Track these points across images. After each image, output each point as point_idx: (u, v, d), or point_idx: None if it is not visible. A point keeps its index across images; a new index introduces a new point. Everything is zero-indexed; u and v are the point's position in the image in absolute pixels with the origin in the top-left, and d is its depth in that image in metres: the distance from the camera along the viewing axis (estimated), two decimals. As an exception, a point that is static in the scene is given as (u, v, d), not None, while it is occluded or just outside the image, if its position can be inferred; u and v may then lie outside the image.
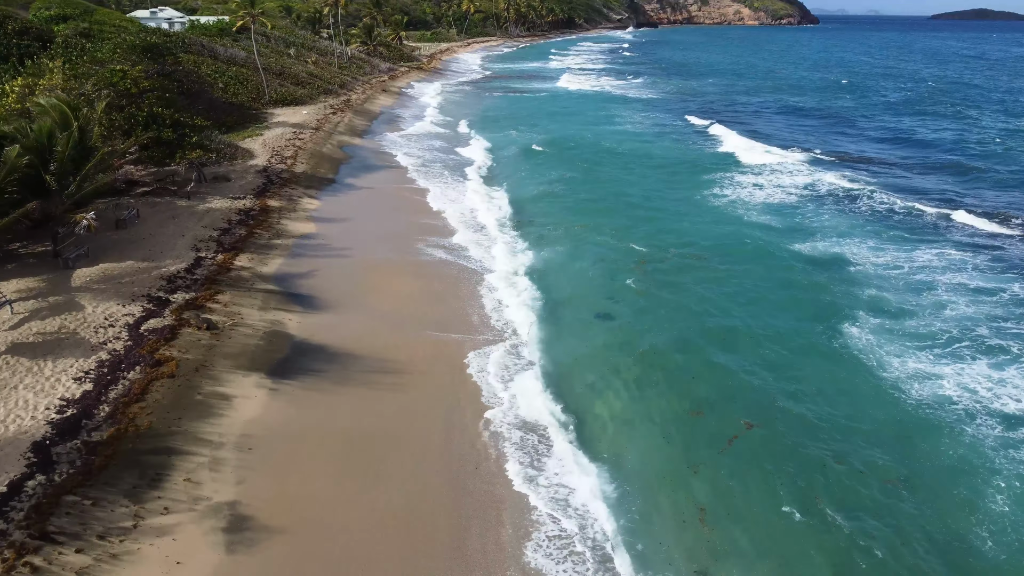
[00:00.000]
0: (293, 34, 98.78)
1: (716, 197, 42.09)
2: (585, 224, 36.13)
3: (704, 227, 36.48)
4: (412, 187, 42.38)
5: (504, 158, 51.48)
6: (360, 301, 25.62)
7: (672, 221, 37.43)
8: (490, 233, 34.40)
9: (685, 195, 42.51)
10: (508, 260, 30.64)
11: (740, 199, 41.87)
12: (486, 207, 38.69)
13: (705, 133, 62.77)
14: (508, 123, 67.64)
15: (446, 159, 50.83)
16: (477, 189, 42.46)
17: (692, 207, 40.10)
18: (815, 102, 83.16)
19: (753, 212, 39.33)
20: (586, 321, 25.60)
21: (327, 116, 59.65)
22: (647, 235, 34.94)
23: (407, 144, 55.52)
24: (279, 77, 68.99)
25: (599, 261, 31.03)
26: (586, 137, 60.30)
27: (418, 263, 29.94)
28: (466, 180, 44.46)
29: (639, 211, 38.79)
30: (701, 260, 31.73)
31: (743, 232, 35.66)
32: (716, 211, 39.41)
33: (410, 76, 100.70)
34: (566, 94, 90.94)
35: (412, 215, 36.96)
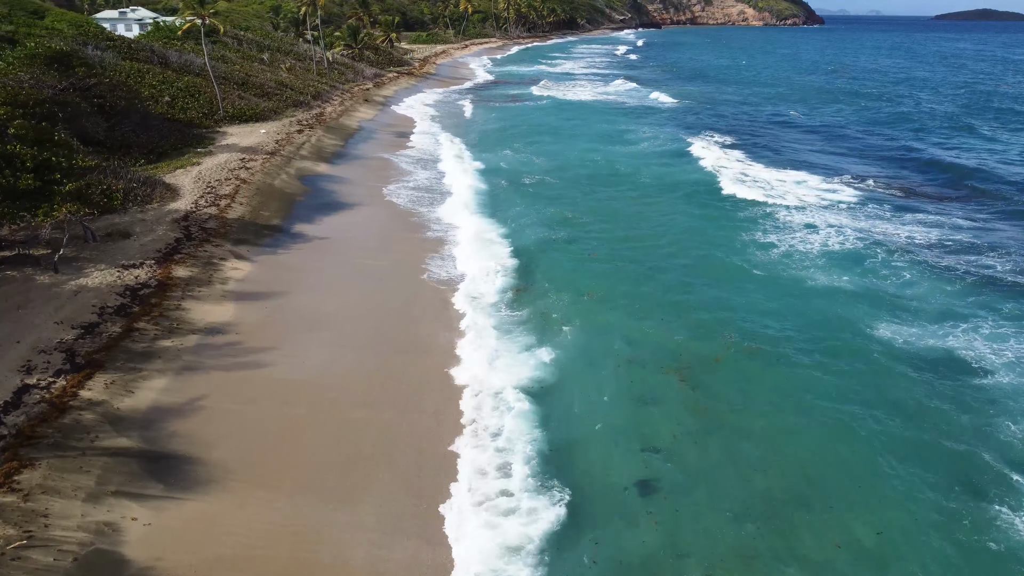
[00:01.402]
0: (269, 36, 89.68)
1: (763, 246, 32.92)
2: (598, 294, 26.97)
3: (758, 297, 27.32)
4: (384, 235, 33.29)
5: (499, 190, 42.30)
6: (272, 469, 16.52)
7: (712, 287, 28.26)
8: (481, 317, 25.19)
9: (722, 243, 33.31)
10: (504, 367, 21.48)
11: (793, 248, 32.69)
12: (477, 268, 29.50)
13: (730, 154, 53.59)
14: (505, 140, 58.51)
15: (431, 190, 41.67)
16: (467, 239, 33.30)
17: (735, 263, 30.88)
18: (848, 116, 73.81)
19: (815, 269, 30.14)
20: (616, 503, 16.45)
21: (290, 135, 50.52)
22: (683, 312, 25.80)
23: (384, 170, 46.43)
24: (241, 87, 59.88)
25: (622, 367, 21.84)
26: (594, 160, 51.19)
27: (375, 375, 20.89)
28: (453, 228, 35.24)
29: (668, 271, 29.58)
30: (764, 362, 22.55)
31: (812, 306, 26.53)
32: (768, 269, 30.24)
33: (399, 83, 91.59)
34: (569, 104, 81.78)
35: (377, 281, 27.86)
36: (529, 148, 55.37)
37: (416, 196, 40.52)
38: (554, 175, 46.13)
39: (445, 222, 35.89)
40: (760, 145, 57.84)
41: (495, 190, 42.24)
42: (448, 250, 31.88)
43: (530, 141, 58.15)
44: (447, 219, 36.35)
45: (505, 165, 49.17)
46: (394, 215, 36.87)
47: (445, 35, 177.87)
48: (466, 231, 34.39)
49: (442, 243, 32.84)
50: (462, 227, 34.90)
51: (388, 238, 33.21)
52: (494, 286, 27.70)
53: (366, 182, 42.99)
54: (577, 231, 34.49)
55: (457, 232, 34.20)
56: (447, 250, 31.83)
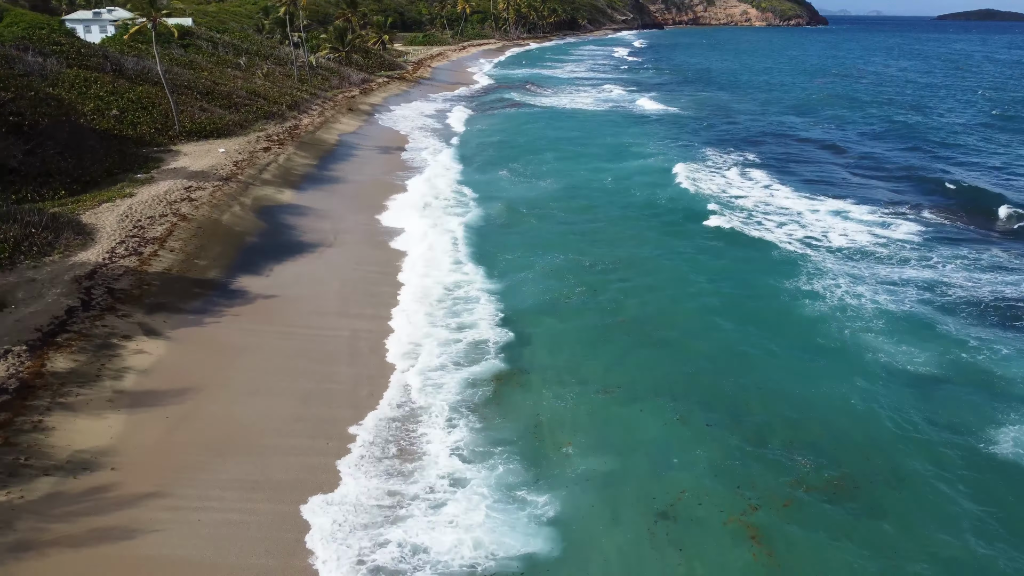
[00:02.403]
0: (248, 39, 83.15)
1: (809, 304, 26.21)
2: (615, 391, 20.35)
3: (824, 386, 20.76)
4: (348, 291, 26.70)
5: (494, 226, 35.67)
6: None
7: (760, 370, 21.70)
8: (448, 434, 18.61)
9: (761, 303, 26.69)
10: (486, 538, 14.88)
11: (847, 307, 25.95)
12: (460, 345, 22.94)
13: (751, 178, 46.90)
14: (502, 158, 51.99)
15: (422, 228, 35.17)
16: (449, 296, 26.73)
17: (781, 333, 24.16)
18: (877, 129, 66.84)
19: (880, 340, 23.33)
20: None
21: (254, 154, 43.94)
22: (733, 413, 19.29)
23: (361, 198, 39.90)
24: (205, 98, 53.34)
25: (659, 524, 15.32)
26: (601, 183, 44.70)
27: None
28: (436, 280, 28.64)
29: (703, 355, 22.76)
30: (851, 506, 15.99)
31: (908, 398, 20.06)
32: (823, 341, 23.52)
33: (388, 89, 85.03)
34: (571, 113, 75.22)
35: (327, 366, 21.31)
36: (529, 168, 48.85)
37: (396, 234, 33.96)
38: (558, 204, 39.58)
39: (426, 270, 29.32)
40: (784, 163, 51.19)
41: (490, 226, 35.64)
42: (424, 310, 25.31)
43: (530, 159, 51.62)
44: (428, 266, 29.77)
45: (502, 191, 42.62)
46: (365, 261, 30.31)
47: (442, 36, 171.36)
48: (450, 283, 27.81)
49: (422, 296, 26.28)
50: (446, 278, 28.32)
51: (352, 295, 26.63)
52: (472, 371, 21.06)
53: (337, 214, 36.44)
54: (583, 286, 27.89)
55: (438, 287, 27.57)
56: (421, 311, 25.25)
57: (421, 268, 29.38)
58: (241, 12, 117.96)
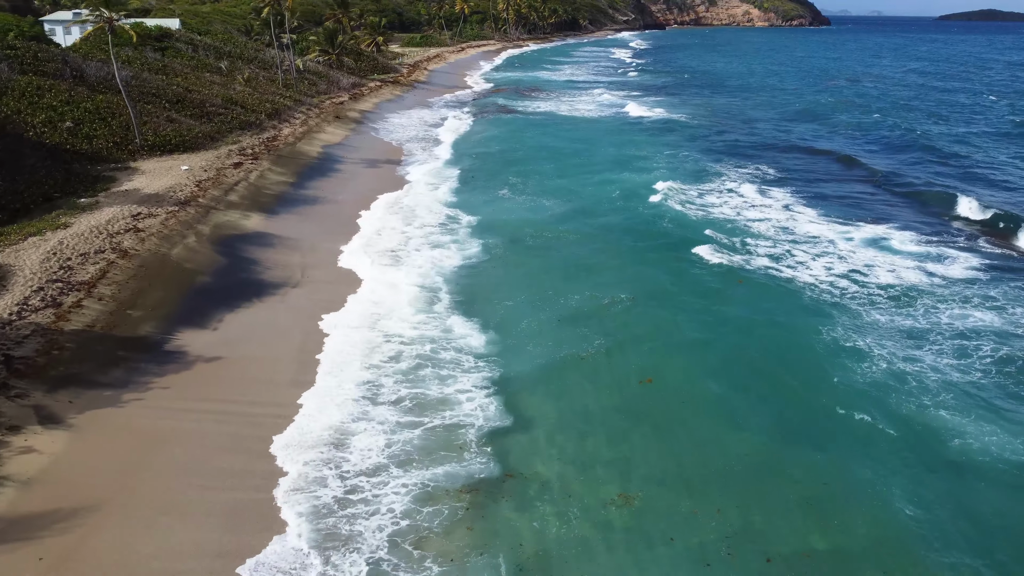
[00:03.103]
0: (232, 41, 78.65)
1: (855, 372, 21.72)
2: (637, 492, 15.98)
3: (880, 513, 16.36)
4: (310, 345, 22.22)
5: (492, 260, 31.17)
6: None
7: (804, 478, 17.30)
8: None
9: (797, 371, 22.15)
10: None
11: (903, 375, 21.53)
12: (429, 446, 18.51)
13: (771, 196, 42.29)
14: (501, 171, 47.55)
15: (398, 258, 30.66)
16: (431, 357, 22.26)
17: (823, 416, 19.68)
18: (899, 140, 62.25)
19: (951, 427, 18.89)
20: None
21: (222, 171, 39.44)
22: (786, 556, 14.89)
23: (340, 222, 35.42)
24: (175, 106, 48.80)
25: None
26: (610, 203, 40.29)
27: None
28: (418, 334, 24.14)
29: (734, 453, 18.48)
30: None
31: (964, 539, 15.65)
32: (877, 428, 19.13)
33: (381, 93, 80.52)
34: (573, 120, 70.74)
35: (265, 462, 16.86)
36: (530, 184, 44.42)
37: (377, 266, 29.44)
38: (562, 228, 35.15)
39: (404, 317, 24.82)
40: (803, 179, 46.62)
41: (487, 259, 31.12)
42: (396, 369, 20.83)
43: (531, 173, 47.20)
44: (409, 312, 25.27)
45: (501, 214, 38.10)
46: (335, 304, 25.76)
47: (440, 37, 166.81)
48: (432, 336, 23.32)
49: (394, 360, 21.79)
50: (429, 332, 23.83)
51: (314, 354, 22.14)
52: (439, 475, 16.58)
53: (309, 243, 31.94)
54: (589, 345, 23.42)
55: (417, 342, 23.07)
56: (393, 373, 20.75)
57: (401, 315, 24.88)
58: (236, 12, 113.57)
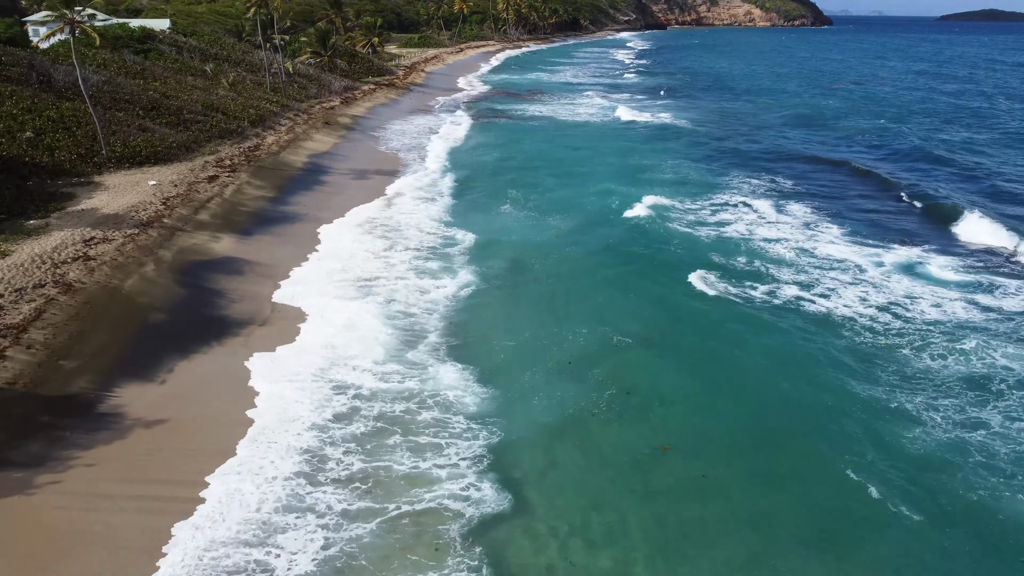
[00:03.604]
0: (219, 43, 75.41)
1: (918, 448, 18.69)
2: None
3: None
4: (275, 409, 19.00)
5: (490, 291, 27.98)
6: None
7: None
8: None
9: (838, 439, 19.18)
10: None
11: (963, 445, 18.53)
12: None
13: (788, 213, 39.00)
14: (499, 184, 44.31)
15: (381, 295, 27.42)
16: (412, 419, 19.06)
17: (880, 495, 16.77)
18: (918, 149, 58.63)
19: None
20: None
21: (194, 186, 36.20)
22: None
23: (324, 241, 32.19)
24: (149, 113, 45.53)
25: None
26: (616, 217, 37.07)
27: None
28: (400, 388, 20.91)
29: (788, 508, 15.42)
30: None
31: None
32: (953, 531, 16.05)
33: (374, 97, 77.26)
34: (576, 125, 67.55)
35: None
36: (531, 198, 41.22)
37: (358, 300, 26.20)
38: (567, 250, 31.94)
39: (372, 365, 21.55)
40: (821, 193, 43.38)
41: (485, 287, 27.88)
42: (351, 434, 17.60)
43: (531, 185, 43.98)
44: (380, 357, 22.02)
45: (501, 230, 34.93)
46: (305, 350, 22.55)
47: (439, 38, 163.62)
48: (409, 391, 20.07)
49: (348, 420, 18.55)
50: (408, 384, 20.58)
51: (276, 416, 18.88)
52: None
53: (284, 270, 28.69)
54: (604, 395, 20.21)
55: (382, 398, 19.81)
56: (345, 441, 17.53)
57: (370, 361, 21.64)
58: (231, 12, 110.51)
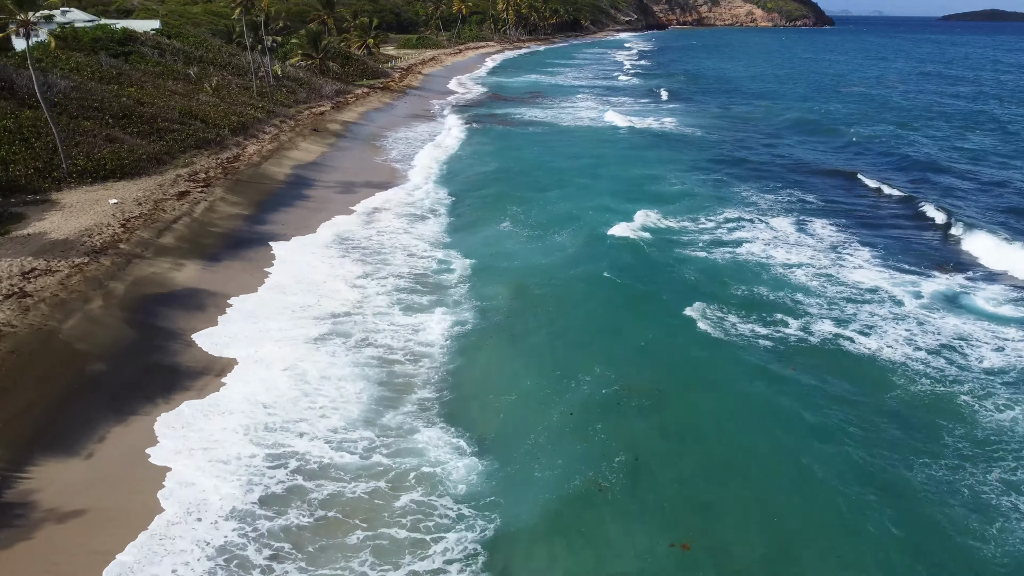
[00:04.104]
0: (204, 45, 72.12)
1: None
2: None
3: None
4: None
5: (492, 336, 24.62)
6: None
7: None
8: None
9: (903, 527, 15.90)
10: None
11: None
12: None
13: (810, 232, 35.54)
14: (498, 198, 41.04)
15: (370, 329, 24.09)
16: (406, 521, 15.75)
17: None
18: (943, 159, 55.55)
19: None
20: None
21: (162, 203, 32.87)
22: None
23: (301, 268, 28.86)
24: (120, 122, 42.19)
25: None
26: (624, 241, 33.75)
27: None
28: (377, 462, 17.58)
29: None
30: None
31: None
32: None
33: (368, 102, 73.96)
34: (578, 131, 64.25)
35: None
36: (533, 213, 37.93)
37: (322, 343, 22.84)
38: (572, 275, 28.58)
39: (349, 436, 18.25)
40: (843, 207, 39.98)
41: (484, 327, 24.53)
42: (268, 530, 14.28)
43: (532, 200, 40.64)
44: (357, 421, 18.70)
45: (502, 253, 31.54)
46: (275, 407, 19.24)
47: (437, 39, 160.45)
48: (382, 468, 16.74)
49: (326, 530, 15.25)
50: (384, 458, 17.24)
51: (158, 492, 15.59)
52: None
53: (240, 304, 25.37)
54: (613, 462, 16.87)
55: (362, 477, 16.48)
56: (259, 538, 14.21)
57: (329, 428, 18.32)
58: (226, 13, 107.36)
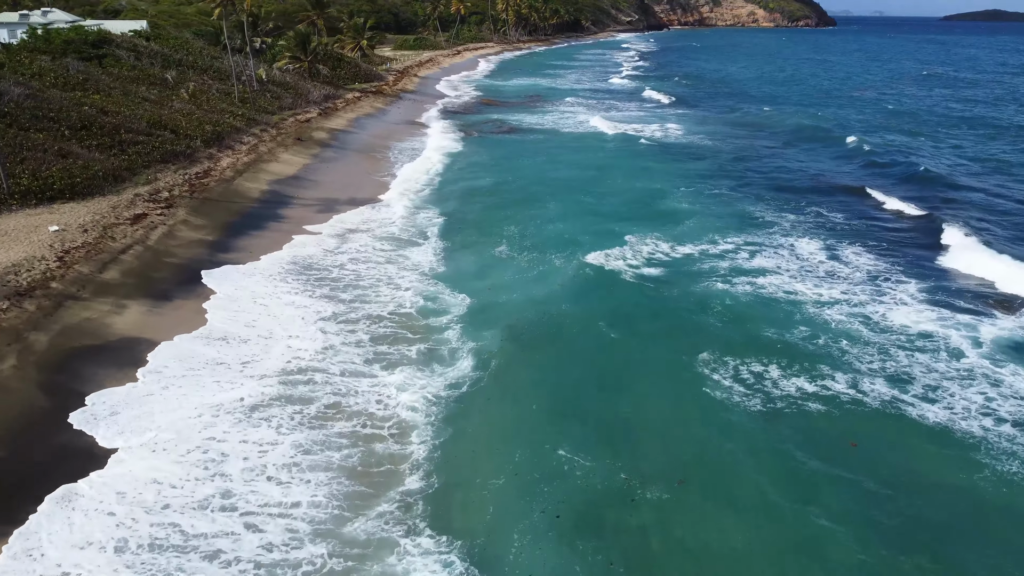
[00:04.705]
0: (185, 47, 68.25)
1: None
2: None
3: None
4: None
5: (487, 398, 20.68)
6: None
7: None
8: None
9: None
10: None
11: None
12: None
13: (845, 261, 31.72)
14: (493, 220, 37.05)
15: (348, 387, 20.18)
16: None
17: None
18: (980, 173, 51.95)
19: None
20: None
21: (111, 229, 28.91)
22: None
23: (269, 305, 24.94)
24: (78, 133, 38.26)
25: None
26: (634, 267, 29.87)
27: None
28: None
29: None
30: None
31: None
32: None
33: (359, 107, 70.07)
34: (580, 141, 60.36)
35: None
36: (530, 235, 34.07)
37: (267, 421, 18.92)
38: (576, 312, 24.65)
39: (300, 554, 14.35)
40: (874, 236, 36.07)
41: (480, 385, 20.56)
42: None
43: (531, 219, 36.79)
44: (308, 537, 14.79)
45: (499, 286, 27.52)
46: (170, 514, 15.33)
47: (435, 40, 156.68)
48: None
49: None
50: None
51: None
52: None
53: (179, 354, 21.47)
54: None
55: None
56: None
57: (293, 548, 14.42)
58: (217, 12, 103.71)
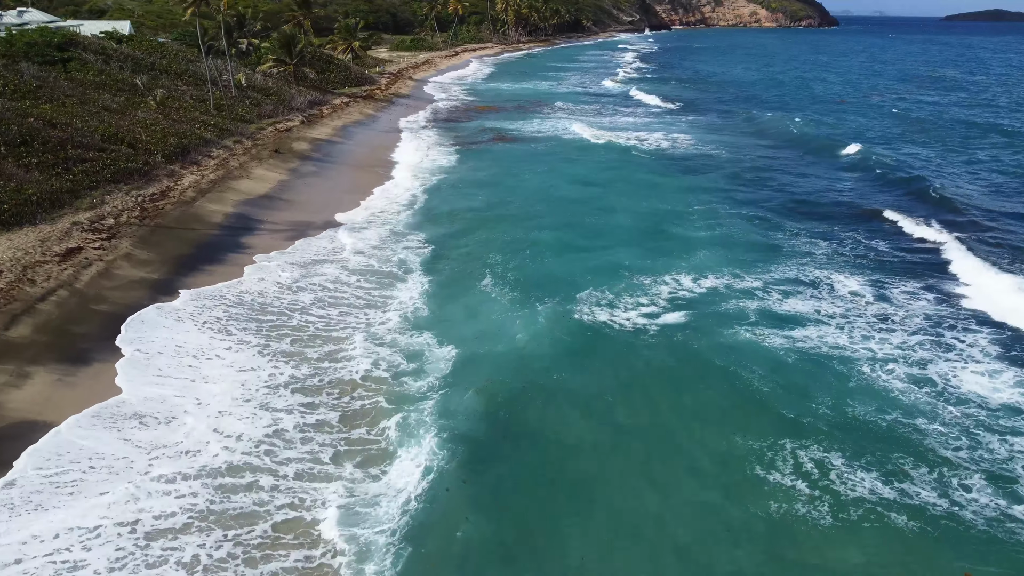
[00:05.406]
0: (160, 50, 63.85)
1: None
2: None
3: None
4: None
5: (473, 505, 16.38)
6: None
7: None
8: None
9: None
10: None
11: None
12: None
13: (889, 302, 27.42)
14: (486, 250, 32.57)
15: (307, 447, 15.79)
16: None
17: None
18: (1010, 187, 47.60)
19: None
20: None
21: (32, 269, 24.53)
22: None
23: (201, 370, 20.55)
24: (15, 150, 33.84)
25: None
26: (645, 311, 25.51)
27: None
28: None
29: None
30: None
31: None
32: None
33: (347, 114, 65.71)
34: (581, 150, 55.90)
35: None
36: (527, 270, 29.60)
37: (178, 550, 14.54)
38: (576, 373, 20.28)
39: None
40: (913, 272, 31.71)
41: (452, 497, 16.16)
42: None
43: (528, 247, 32.37)
44: None
45: (488, 335, 23.14)
46: None
47: (432, 40, 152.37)
48: None
49: None
50: None
51: None
52: None
53: (59, 448, 17.09)
54: None
55: None
56: None
57: None
58: (210, 13, 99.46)
